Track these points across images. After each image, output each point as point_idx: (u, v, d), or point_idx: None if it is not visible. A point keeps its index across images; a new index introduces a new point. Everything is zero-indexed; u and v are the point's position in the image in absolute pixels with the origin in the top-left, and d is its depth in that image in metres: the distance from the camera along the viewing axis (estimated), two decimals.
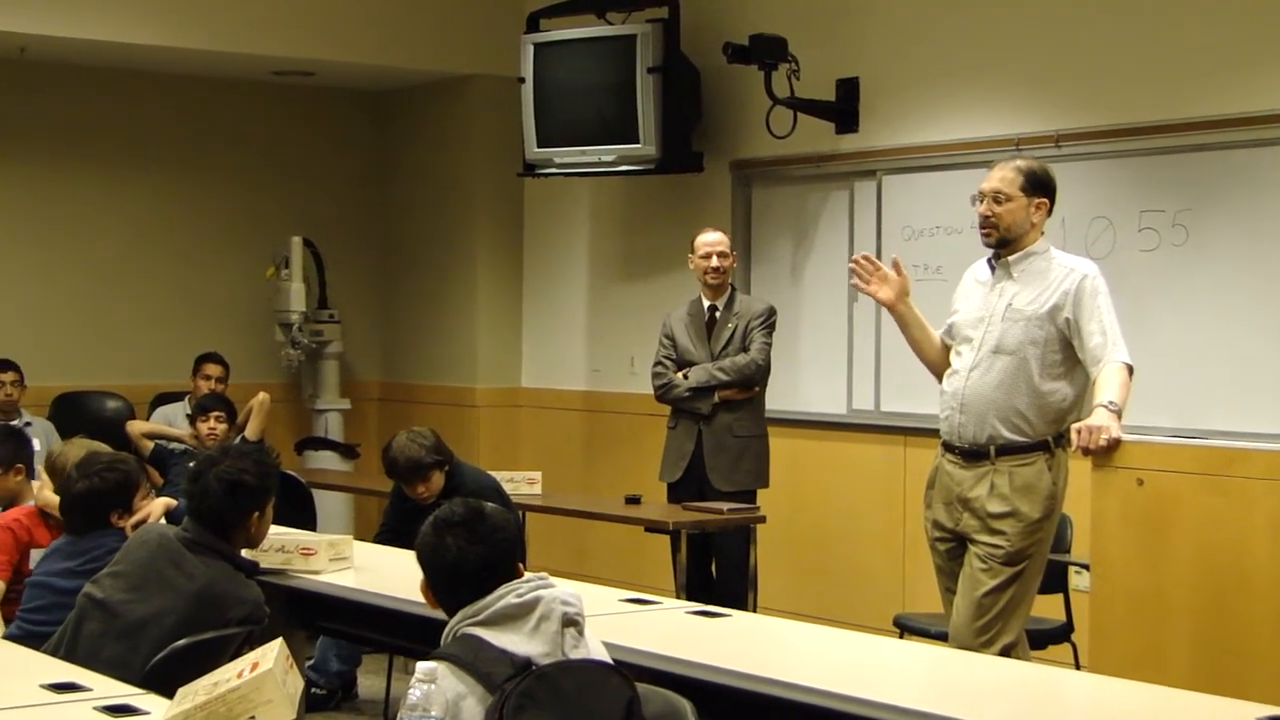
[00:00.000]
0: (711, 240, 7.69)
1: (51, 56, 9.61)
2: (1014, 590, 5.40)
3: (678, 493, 7.69)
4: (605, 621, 4.44)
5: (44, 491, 5.62)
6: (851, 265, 5.84)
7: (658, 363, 7.76)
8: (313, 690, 6.98)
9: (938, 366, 5.73)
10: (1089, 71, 7.53)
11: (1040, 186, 5.50)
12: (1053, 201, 5.54)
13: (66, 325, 10.00)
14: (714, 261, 7.63)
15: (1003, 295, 5.50)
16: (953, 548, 5.57)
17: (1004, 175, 5.50)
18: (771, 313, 7.69)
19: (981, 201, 5.51)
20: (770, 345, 7.62)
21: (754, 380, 7.60)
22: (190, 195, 10.41)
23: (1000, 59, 7.89)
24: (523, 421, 10.43)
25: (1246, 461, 4.98)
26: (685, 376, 7.62)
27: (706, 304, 7.73)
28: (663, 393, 7.72)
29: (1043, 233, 5.54)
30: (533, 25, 9.36)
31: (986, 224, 5.50)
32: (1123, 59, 7.41)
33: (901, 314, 5.78)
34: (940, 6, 8.15)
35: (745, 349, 7.58)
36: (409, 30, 9.93)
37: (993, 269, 5.57)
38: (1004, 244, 5.50)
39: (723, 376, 7.56)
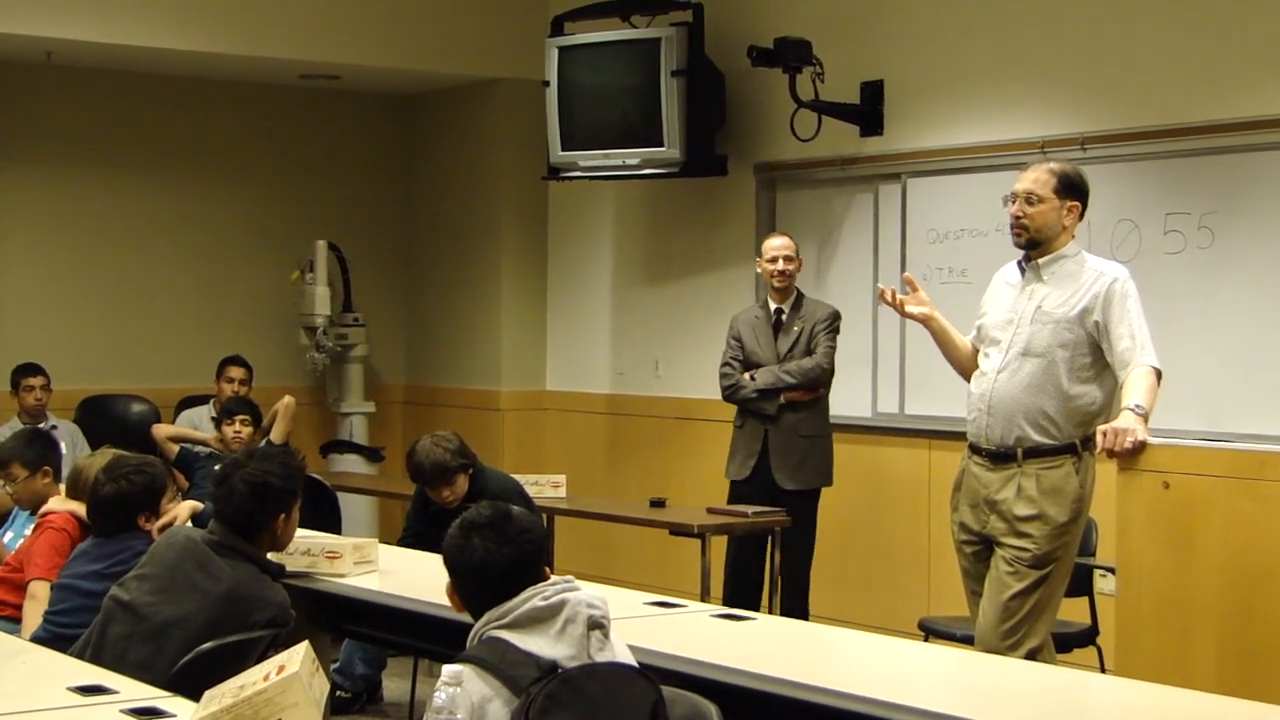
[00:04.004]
0: (778, 245, 7.82)
1: (78, 61, 9.65)
2: (1040, 593, 5.39)
3: (744, 490, 7.76)
4: (630, 625, 4.44)
5: (68, 502, 5.62)
6: (885, 298, 5.83)
7: (725, 363, 7.86)
8: (338, 693, 6.99)
9: (972, 373, 5.71)
10: (1115, 74, 7.51)
11: (1073, 189, 5.49)
12: (1085, 205, 5.53)
13: (92, 329, 10.03)
14: (780, 265, 7.75)
15: (1032, 297, 5.49)
16: (979, 550, 5.57)
17: (1037, 177, 5.49)
18: (836, 317, 7.81)
19: (1013, 202, 5.51)
20: (834, 348, 7.74)
21: (819, 383, 7.72)
22: (215, 199, 10.44)
23: (1025, 62, 7.87)
24: (547, 425, 10.43)
25: (1274, 465, 4.96)
26: (753, 378, 7.71)
27: (773, 306, 7.84)
28: (730, 393, 7.82)
29: (1074, 236, 5.54)
30: (557, 29, 9.36)
31: (1018, 225, 5.49)
32: (1148, 61, 7.39)
33: (936, 327, 5.77)
34: (965, 10, 8.13)
35: (810, 352, 7.68)
36: (434, 34, 9.94)
37: (1023, 271, 5.56)
38: (1034, 245, 5.50)
39: (789, 379, 7.66)
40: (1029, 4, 7.87)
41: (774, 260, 7.76)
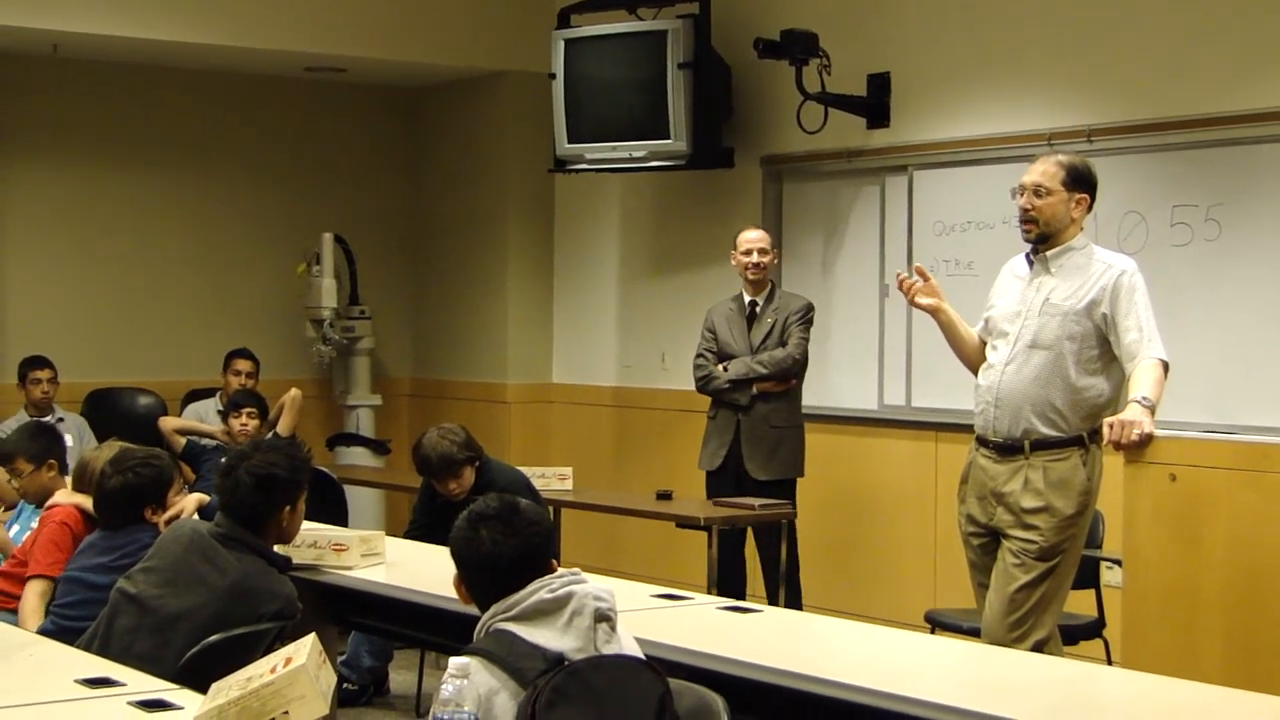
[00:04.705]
0: (752, 238, 7.89)
1: (84, 54, 9.65)
2: (1047, 585, 5.39)
3: (716, 481, 7.87)
4: (637, 617, 4.45)
5: (74, 496, 5.62)
6: (902, 287, 5.78)
7: (699, 355, 7.96)
8: (345, 685, 6.99)
9: (978, 364, 5.72)
10: (1121, 66, 7.50)
11: (1081, 182, 5.49)
12: (1093, 197, 5.53)
13: (99, 322, 10.04)
14: (754, 258, 7.84)
15: (1040, 290, 5.48)
16: (986, 542, 5.57)
17: (1045, 169, 5.49)
18: (809, 309, 7.88)
19: (1022, 195, 5.50)
20: (807, 340, 7.83)
21: (790, 374, 7.79)
22: (221, 192, 10.44)
23: (1032, 54, 7.87)
24: (554, 417, 10.44)
25: None
26: (725, 369, 7.78)
27: (747, 299, 7.93)
28: (703, 384, 7.92)
29: (1082, 228, 5.53)
30: (564, 21, 9.36)
31: (1026, 217, 5.49)
32: (1155, 53, 7.38)
33: (944, 319, 5.76)
34: (971, 2, 8.13)
35: (783, 343, 7.74)
36: (440, 27, 9.94)
37: (1031, 264, 5.56)
38: (1043, 238, 5.49)
39: (760, 370, 7.74)
40: None
41: (748, 253, 7.86)
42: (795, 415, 7.88)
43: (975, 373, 5.72)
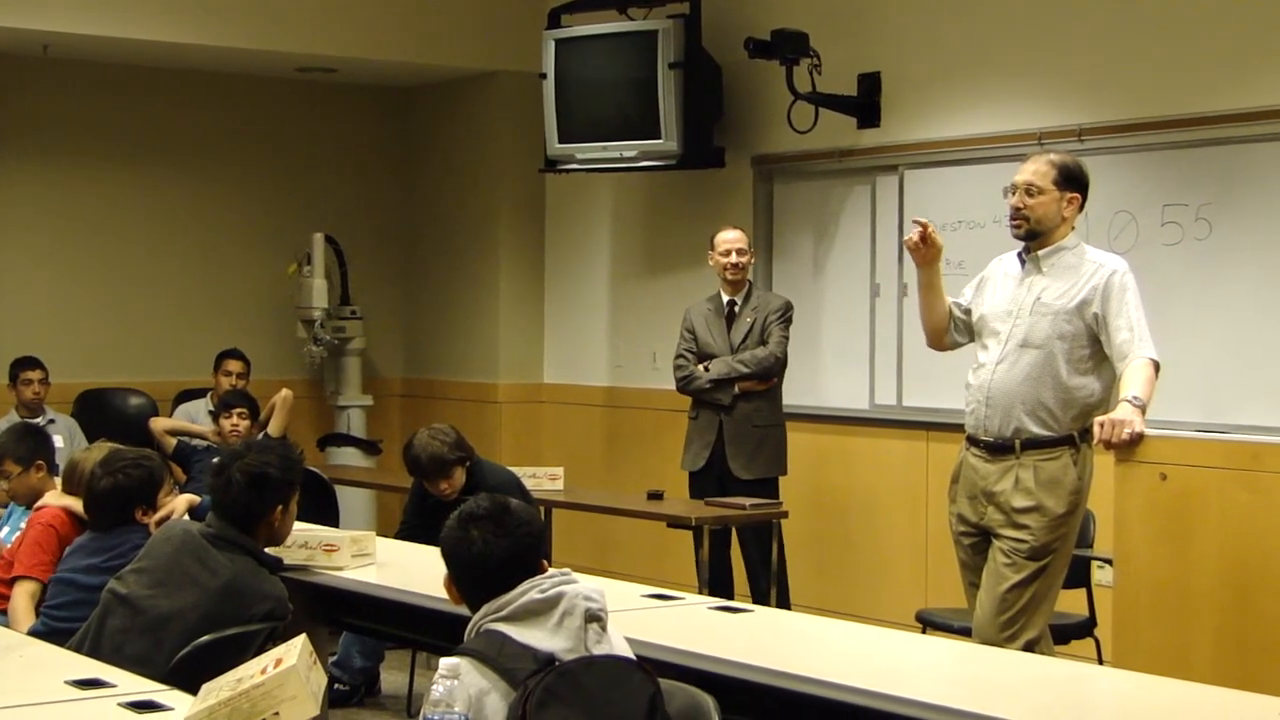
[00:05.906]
0: (730, 238, 7.90)
1: (74, 54, 9.64)
2: (1038, 585, 5.39)
3: (699, 481, 7.87)
4: (628, 617, 4.45)
5: (63, 497, 5.60)
6: (915, 235, 5.68)
7: (679, 355, 7.96)
8: (336, 686, 6.99)
9: (936, 330, 5.76)
10: (1112, 65, 7.51)
11: (1073, 181, 5.49)
12: (1085, 197, 5.53)
13: (90, 322, 10.03)
14: (732, 258, 7.86)
15: (1031, 289, 5.49)
16: (977, 542, 5.57)
17: (1037, 168, 5.49)
18: (788, 307, 7.89)
19: (1013, 193, 5.50)
20: (787, 339, 7.84)
21: (772, 372, 7.81)
22: (212, 192, 10.43)
23: (1022, 53, 7.87)
24: (545, 417, 10.43)
25: (1271, 456, 4.96)
26: (706, 369, 7.77)
27: (726, 299, 7.94)
28: (684, 384, 7.92)
29: (1074, 228, 5.54)
30: (554, 21, 9.36)
31: (1017, 216, 5.49)
32: (1146, 53, 7.39)
33: (928, 275, 5.71)
34: (962, 2, 8.13)
35: (763, 342, 7.77)
36: (431, 27, 9.93)
37: (1023, 263, 5.56)
38: (1034, 237, 5.49)
39: (742, 369, 7.74)
40: None
41: (726, 253, 7.88)
42: (777, 414, 7.90)
43: (928, 332, 5.78)
